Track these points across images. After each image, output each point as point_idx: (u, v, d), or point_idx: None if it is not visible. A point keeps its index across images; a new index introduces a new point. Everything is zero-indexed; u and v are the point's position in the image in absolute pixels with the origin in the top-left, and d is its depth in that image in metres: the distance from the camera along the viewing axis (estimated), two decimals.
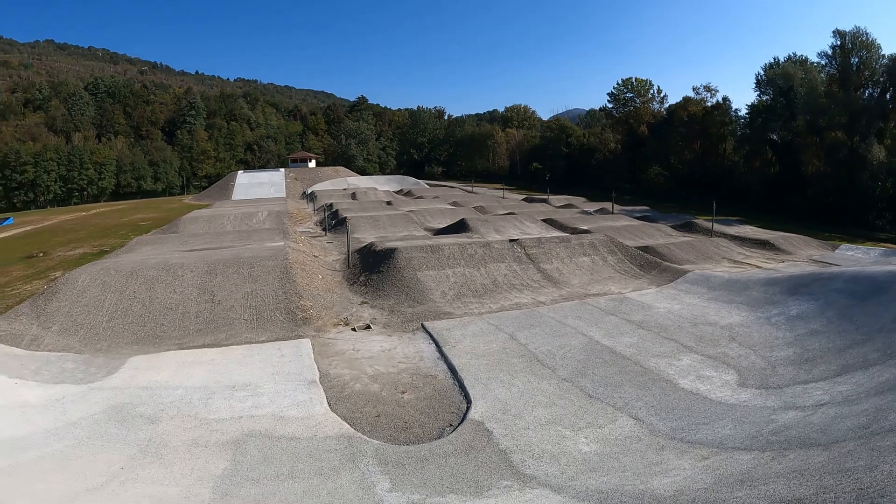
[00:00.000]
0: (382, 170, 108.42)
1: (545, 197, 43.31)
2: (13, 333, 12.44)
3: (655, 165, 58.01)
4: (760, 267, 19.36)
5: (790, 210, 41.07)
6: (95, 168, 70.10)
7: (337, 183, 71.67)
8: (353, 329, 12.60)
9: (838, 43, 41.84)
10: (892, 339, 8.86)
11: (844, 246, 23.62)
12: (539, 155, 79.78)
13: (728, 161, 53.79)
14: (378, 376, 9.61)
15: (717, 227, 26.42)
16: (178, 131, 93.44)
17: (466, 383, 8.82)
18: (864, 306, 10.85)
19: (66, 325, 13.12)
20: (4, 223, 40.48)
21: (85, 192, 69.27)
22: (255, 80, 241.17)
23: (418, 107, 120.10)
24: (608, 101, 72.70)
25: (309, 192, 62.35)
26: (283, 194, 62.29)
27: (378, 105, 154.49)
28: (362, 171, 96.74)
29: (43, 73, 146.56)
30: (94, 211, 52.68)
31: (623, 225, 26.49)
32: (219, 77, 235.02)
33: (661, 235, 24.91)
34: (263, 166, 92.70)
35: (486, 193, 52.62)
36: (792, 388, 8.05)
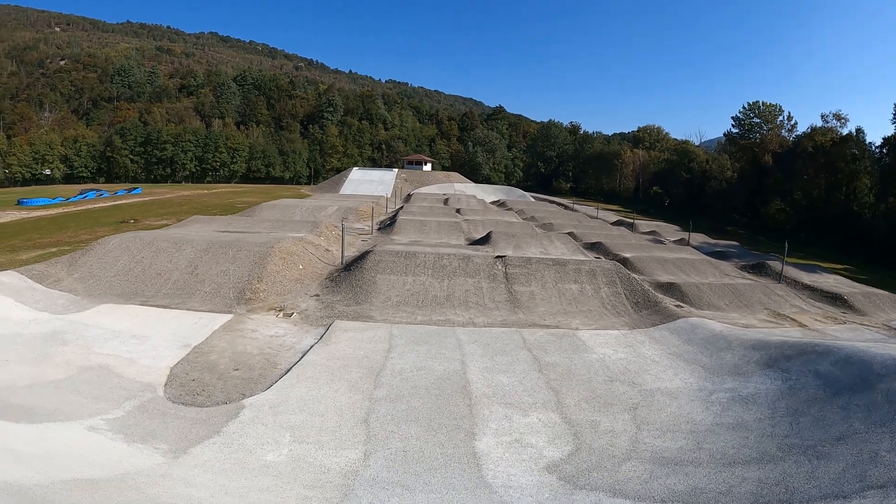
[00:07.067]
0: (508, 180, 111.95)
1: (631, 221, 42.23)
2: (44, 274, 17.21)
3: (778, 200, 53.08)
4: (805, 326, 17.52)
5: None
6: (229, 152, 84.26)
7: (443, 188, 76.31)
8: (277, 315, 15.03)
9: None
10: (799, 471, 6.91)
11: None
12: (663, 179, 77.60)
13: (860, 201, 48.08)
14: (239, 353, 11.82)
15: (792, 273, 23.89)
16: (311, 126, 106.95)
17: (287, 376, 10.41)
18: (828, 406, 9.14)
19: (83, 275, 17.64)
20: (134, 192, 51.60)
21: (218, 173, 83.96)
22: (406, 83, 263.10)
23: (550, 120, 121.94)
24: (732, 125, 71.89)
25: (409, 193, 67.69)
26: (388, 194, 67.90)
27: (520, 116, 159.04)
28: (488, 180, 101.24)
29: (203, 62, 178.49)
30: (215, 190, 63.54)
31: (675, 257, 25.29)
32: (370, 77, 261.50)
33: (713, 274, 23.37)
34: (390, 165, 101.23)
35: (581, 212, 52.25)
36: (593, 496, 6.95)
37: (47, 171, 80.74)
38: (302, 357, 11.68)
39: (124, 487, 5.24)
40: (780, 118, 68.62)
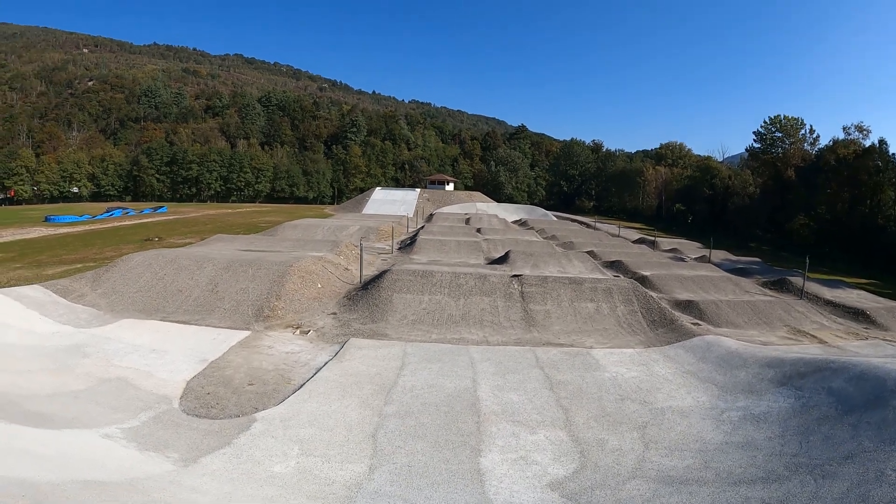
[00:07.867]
0: (531, 199, 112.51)
1: (653, 239, 42.19)
2: (68, 289, 17.95)
3: (801, 215, 52.59)
4: (825, 342, 17.20)
5: None
6: (253, 172, 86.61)
7: (465, 207, 76.93)
8: (294, 332, 15.37)
9: None
10: (803, 491, 6.88)
11: None
12: (685, 196, 77.67)
13: (884, 214, 48.16)
14: (255, 369, 12.13)
15: (814, 288, 23.51)
16: (335, 146, 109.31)
17: (300, 391, 10.66)
18: (839, 423, 8.96)
19: (106, 291, 18.32)
20: (159, 210, 53.34)
21: (242, 193, 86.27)
22: (429, 103, 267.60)
23: (572, 138, 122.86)
24: (754, 140, 71.89)
25: (431, 213, 68.48)
26: (411, 213, 68.84)
27: (543, 134, 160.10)
28: (510, 200, 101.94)
29: (228, 83, 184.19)
30: (239, 210, 65.12)
31: (695, 275, 25.07)
32: (393, 98, 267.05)
33: (733, 291, 23.10)
34: (413, 185, 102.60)
35: (603, 231, 52.16)
36: None
37: (75, 189, 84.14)
38: (315, 373, 11.92)
39: (132, 490, 5.50)
40: (802, 132, 68.23)
